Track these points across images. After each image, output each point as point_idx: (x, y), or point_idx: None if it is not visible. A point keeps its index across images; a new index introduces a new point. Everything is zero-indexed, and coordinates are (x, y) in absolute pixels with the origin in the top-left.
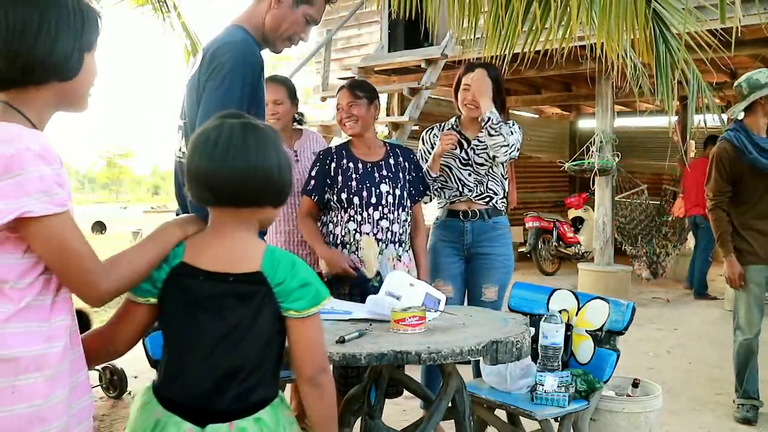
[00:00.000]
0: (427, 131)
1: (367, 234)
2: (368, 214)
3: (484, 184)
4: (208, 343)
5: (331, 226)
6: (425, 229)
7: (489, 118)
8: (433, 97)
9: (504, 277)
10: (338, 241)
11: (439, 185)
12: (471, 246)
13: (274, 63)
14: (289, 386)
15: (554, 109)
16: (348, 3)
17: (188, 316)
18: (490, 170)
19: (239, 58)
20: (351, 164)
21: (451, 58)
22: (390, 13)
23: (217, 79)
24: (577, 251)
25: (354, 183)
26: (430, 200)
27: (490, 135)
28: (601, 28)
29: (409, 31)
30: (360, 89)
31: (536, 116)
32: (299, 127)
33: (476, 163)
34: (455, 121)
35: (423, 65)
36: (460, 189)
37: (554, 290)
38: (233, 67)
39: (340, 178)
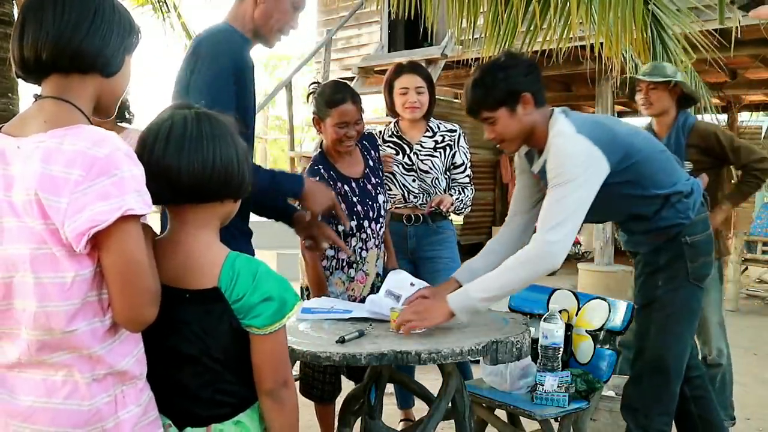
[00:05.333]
0: None
1: (370, 249)
2: (372, 230)
3: (431, 194)
4: (174, 360)
5: (333, 251)
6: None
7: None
8: None
9: None
10: (344, 264)
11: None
12: (415, 250)
13: (274, 63)
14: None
15: None
16: (348, 3)
17: (150, 333)
18: (436, 181)
19: (215, 45)
20: (346, 186)
21: (451, 58)
22: (390, 13)
23: (200, 71)
24: (577, 251)
25: (360, 207)
26: None
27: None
28: (600, 28)
29: (409, 31)
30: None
31: None
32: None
33: (421, 170)
34: (394, 126)
35: (423, 65)
36: (405, 195)
37: (554, 290)
38: (210, 54)
39: (343, 206)
